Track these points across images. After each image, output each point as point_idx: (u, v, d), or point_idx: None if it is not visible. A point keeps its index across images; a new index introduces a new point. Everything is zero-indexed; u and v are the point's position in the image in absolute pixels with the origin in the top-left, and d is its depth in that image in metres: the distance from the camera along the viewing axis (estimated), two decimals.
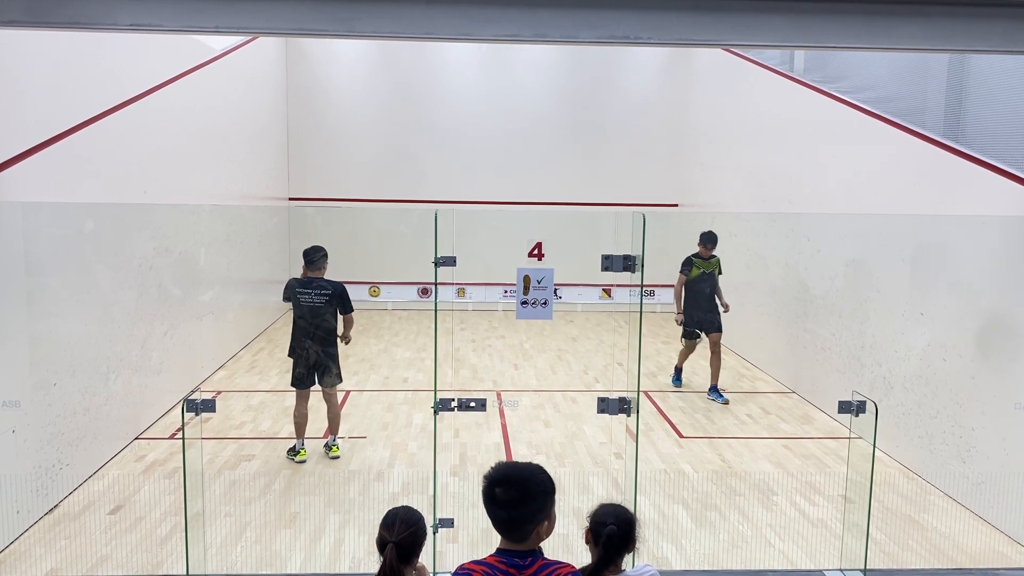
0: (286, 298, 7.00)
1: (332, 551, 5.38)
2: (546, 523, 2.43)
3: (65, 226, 6.26)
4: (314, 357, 6.89)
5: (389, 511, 2.89)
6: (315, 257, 6.95)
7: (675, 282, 9.37)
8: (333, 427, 7.21)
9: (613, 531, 2.81)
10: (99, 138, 6.77)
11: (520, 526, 2.39)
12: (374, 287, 14.59)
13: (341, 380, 7.12)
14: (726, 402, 9.04)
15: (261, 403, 8.79)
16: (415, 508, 2.95)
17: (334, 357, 6.98)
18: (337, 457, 7.12)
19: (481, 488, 2.45)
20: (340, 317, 7.00)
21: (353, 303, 7.14)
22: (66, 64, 6.28)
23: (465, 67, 14.77)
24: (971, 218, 6.42)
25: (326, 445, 7.21)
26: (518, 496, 2.39)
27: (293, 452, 7.03)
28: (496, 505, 2.40)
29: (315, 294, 6.84)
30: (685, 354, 9.68)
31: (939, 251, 6.91)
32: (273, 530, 5.67)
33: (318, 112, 14.54)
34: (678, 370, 9.86)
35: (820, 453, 7.52)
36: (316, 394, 7.13)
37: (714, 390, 9.22)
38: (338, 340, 7.01)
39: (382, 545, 2.78)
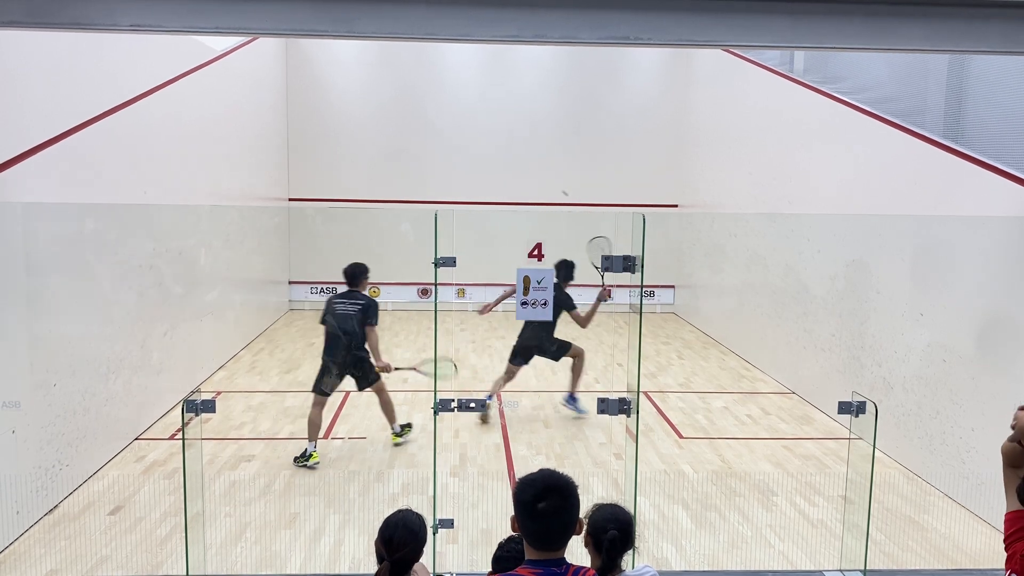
0: (323, 318, 7.29)
1: (332, 552, 5.38)
2: (580, 521, 2.43)
3: (65, 226, 6.26)
4: (340, 365, 7.13)
5: (389, 519, 2.88)
6: (356, 272, 7.32)
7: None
8: (388, 418, 7.47)
9: (615, 536, 2.79)
10: (99, 138, 6.77)
11: (565, 533, 2.37)
12: (374, 287, 14.59)
13: (377, 379, 7.28)
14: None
15: (261, 404, 8.78)
16: (416, 512, 2.94)
17: (363, 360, 7.19)
18: (397, 444, 7.47)
19: (521, 505, 2.37)
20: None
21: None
22: (66, 64, 6.28)
23: (465, 67, 14.76)
24: (971, 218, 6.41)
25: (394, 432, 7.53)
26: (561, 503, 2.36)
27: (303, 458, 6.91)
28: (541, 518, 2.34)
29: (349, 303, 7.16)
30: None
31: (939, 251, 6.91)
32: (273, 531, 5.67)
33: (318, 112, 14.54)
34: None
35: (820, 454, 7.52)
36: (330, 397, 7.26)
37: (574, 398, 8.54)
38: (367, 347, 7.20)
39: (380, 556, 2.79)
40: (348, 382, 7.34)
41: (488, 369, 10.60)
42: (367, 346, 7.16)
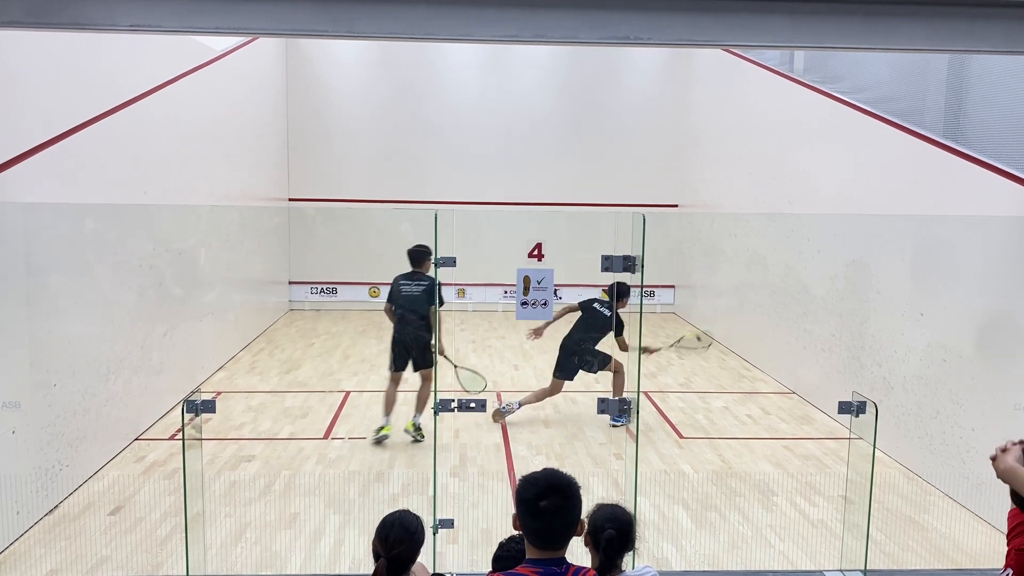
0: (389, 296, 7.71)
1: (332, 552, 5.38)
2: (581, 522, 2.44)
3: (65, 226, 6.26)
4: (405, 342, 7.51)
5: (386, 518, 2.89)
6: (420, 253, 7.54)
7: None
8: (419, 406, 7.58)
9: (612, 535, 2.79)
10: (99, 138, 6.77)
11: (566, 533, 2.38)
12: (374, 288, 14.58)
13: (431, 365, 7.38)
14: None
15: (261, 404, 8.78)
16: (413, 513, 2.94)
17: (425, 342, 7.47)
18: (407, 432, 7.53)
19: (522, 503, 2.38)
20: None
21: (353, 304, 7.32)
22: (66, 64, 6.28)
23: (465, 67, 14.76)
24: (971, 218, 6.41)
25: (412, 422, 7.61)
26: (563, 503, 2.37)
27: (376, 431, 7.48)
28: (542, 516, 2.35)
29: (414, 284, 7.47)
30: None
31: (939, 251, 6.91)
32: (273, 531, 5.67)
33: (318, 112, 14.54)
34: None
35: (820, 454, 7.52)
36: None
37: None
38: (431, 328, 7.43)
39: (376, 555, 2.80)
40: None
41: (488, 369, 10.59)
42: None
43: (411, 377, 7.72)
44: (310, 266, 14.57)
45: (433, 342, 7.34)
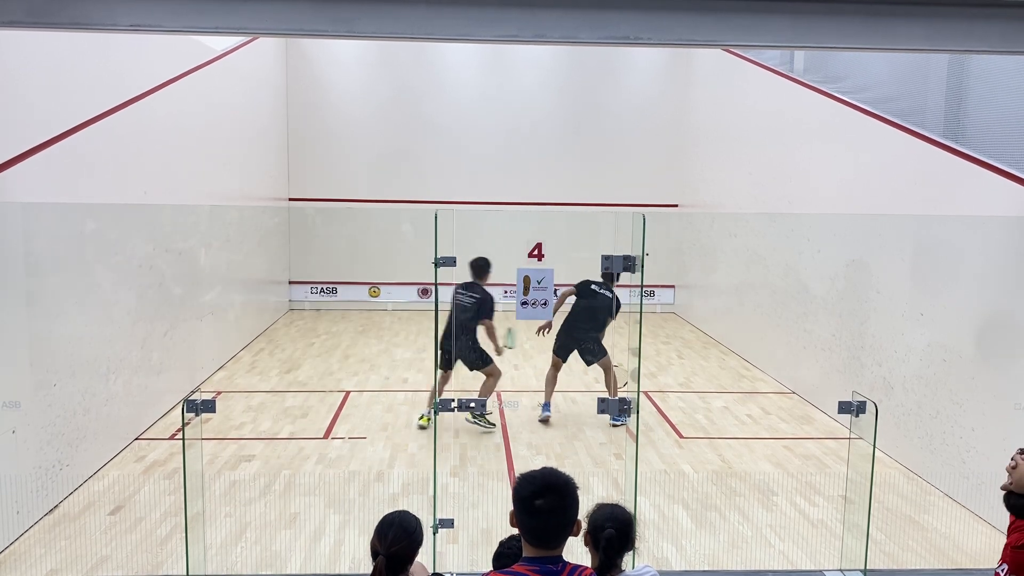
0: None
1: (332, 552, 5.39)
2: (577, 522, 2.44)
3: (65, 226, 6.26)
4: (457, 346, 7.87)
5: (385, 518, 2.90)
6: (479, 266, 7.93)
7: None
8: (481, 393, 7.96)
9: (612, 535, 2.79)
10: (99, 138, 6.77)
11: (562, 532, 2.38)
12: (374, 287, 14.59)
13: (489, 363, 7.95)
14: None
15: (261, 404, 8.78)
16: (412, 513, 2.95)
17: (473, 348, 7.92)
18: (483, 426, 7.94)
19: (519, 501, 2.39)
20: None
21: (353, 304, 7.37)
22: (66, 64, 6.28)
23: (465, 67, 14.76)
24: (971, 218, 6.42)
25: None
26: (559, 503, 2.37)
27: (420, 417, 8.13)
28: (538, 516, 2.36)
29: (467, 295, 7.79)
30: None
31: (939, 251, 6.91)
32: (273, 531, 5.67)
33: (318, 112, 14.54)
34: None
35: (820, 453, 7.52)
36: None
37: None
38: (477, 335, 7.90)
39: (375, 553, 2.80)
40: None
41: None
42: (483, 335, 7.86)
43: (456, 374, 8.09)
44: (310, 266, 14.57)
45: (492, 347, 7.93)
